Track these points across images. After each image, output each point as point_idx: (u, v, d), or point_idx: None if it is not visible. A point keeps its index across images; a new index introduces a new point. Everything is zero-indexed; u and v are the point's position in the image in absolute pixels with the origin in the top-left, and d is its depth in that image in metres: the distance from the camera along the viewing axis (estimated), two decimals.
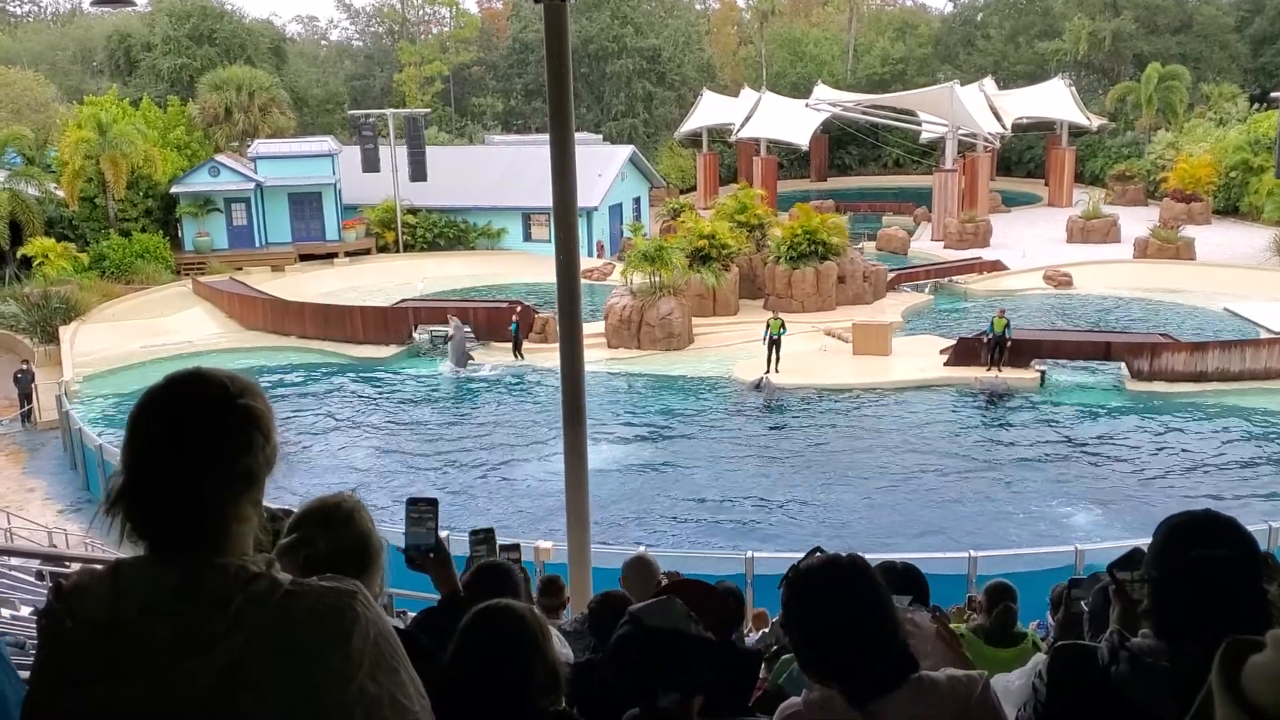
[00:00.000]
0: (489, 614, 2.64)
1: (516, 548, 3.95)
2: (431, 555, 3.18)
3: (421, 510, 3.17)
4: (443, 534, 3.78)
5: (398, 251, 47.80)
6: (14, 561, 12.16)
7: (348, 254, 46.72)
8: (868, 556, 2.60)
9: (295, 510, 2.72)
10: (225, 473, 1.77)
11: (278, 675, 1.67)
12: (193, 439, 1.75)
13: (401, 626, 2.68)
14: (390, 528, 3.44)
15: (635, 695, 2.62)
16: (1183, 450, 22.74)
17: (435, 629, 2.99)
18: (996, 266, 41.13)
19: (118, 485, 1.76)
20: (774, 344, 27.96)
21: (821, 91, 62.18)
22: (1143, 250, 42.10)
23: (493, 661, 2.55)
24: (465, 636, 2.61)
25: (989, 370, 27.16)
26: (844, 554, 2.53)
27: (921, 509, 20.04)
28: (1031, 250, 44.32)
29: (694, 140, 65.09)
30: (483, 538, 3.70)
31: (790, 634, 2.46)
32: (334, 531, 2.59)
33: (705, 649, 2.65)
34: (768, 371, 27.84)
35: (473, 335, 31.93)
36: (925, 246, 47.39)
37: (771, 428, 25.37)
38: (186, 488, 1.74)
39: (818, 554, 2.54)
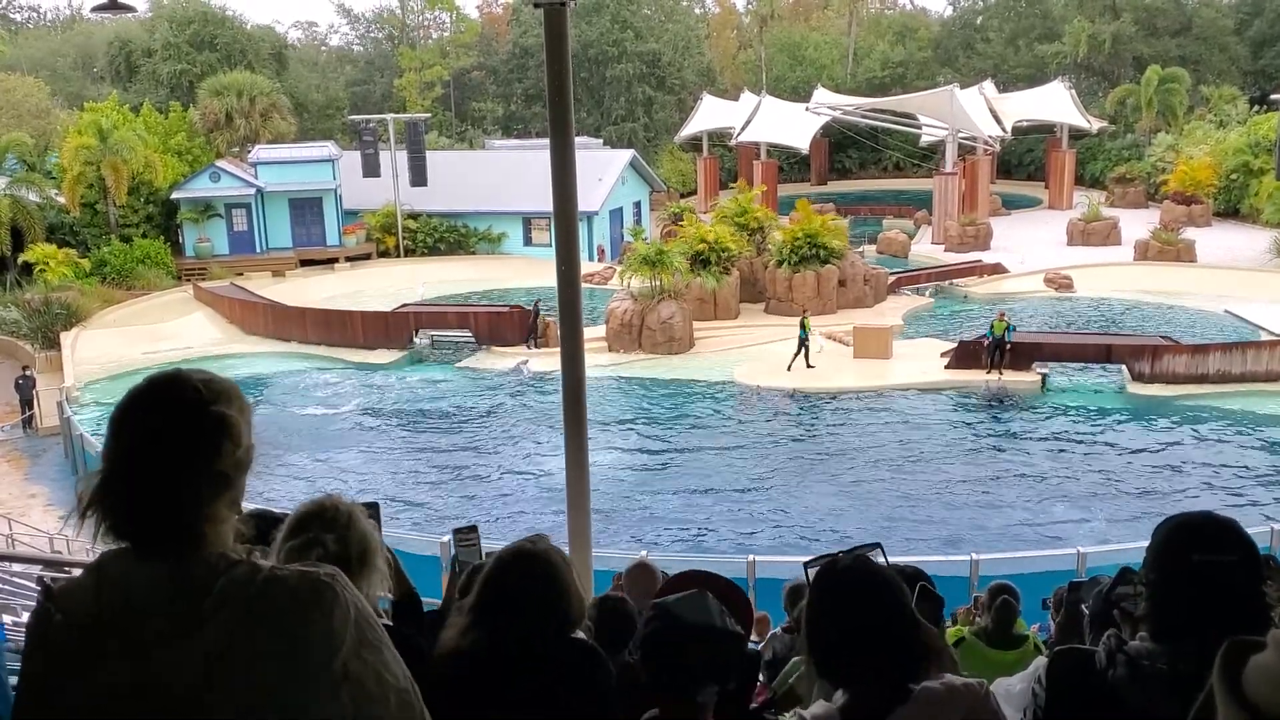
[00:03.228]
0: (520, 552, 2.80)
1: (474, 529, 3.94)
2: None
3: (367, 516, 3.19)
4: (444, 539, 3.78)
5: (398, 256, 47.84)
6: (15, 567, 12.14)
7: (348, 259, 46.77)
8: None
9: (291, 514, 2.74)
10: (199, 476, 1.81)
11: (263, 655, 1.70)
12: (167, 443, 1.80)
13: (389, 624, 2.71)
14: (392, 530, 3.44)
15: (673, 691, 2.64)
16: (1184, 453, 22.71)
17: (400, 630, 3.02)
18: (997, 269, 41.13)
19: (94, 485, 1.81)
20: (802, 343, 28.43)
21: (821, 95, 62.22)
22: (1143, 252, 42.09)
23: (524, 593, 2.70)
24: (498, 570, 2.76)
25: (990, 373, 27.15)
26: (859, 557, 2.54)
27: (923, 512, 20.02)
28: (1032, 253, 44.30)
29: (694, 144, 65.12)
30: (468, 537, 3.70)
31: (814, 633, 2.43)
32: (339, 533, 2.63)
33: (739, 643, 2.68)
34: (805, 363, 28.48)
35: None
36: (926, 249, 47.39)
37: (773, 431, 25.34)
38: (162, 488, 1.78)
39: (842, 555, 2.55)
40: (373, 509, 3.20)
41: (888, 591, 2.38)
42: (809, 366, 28.45)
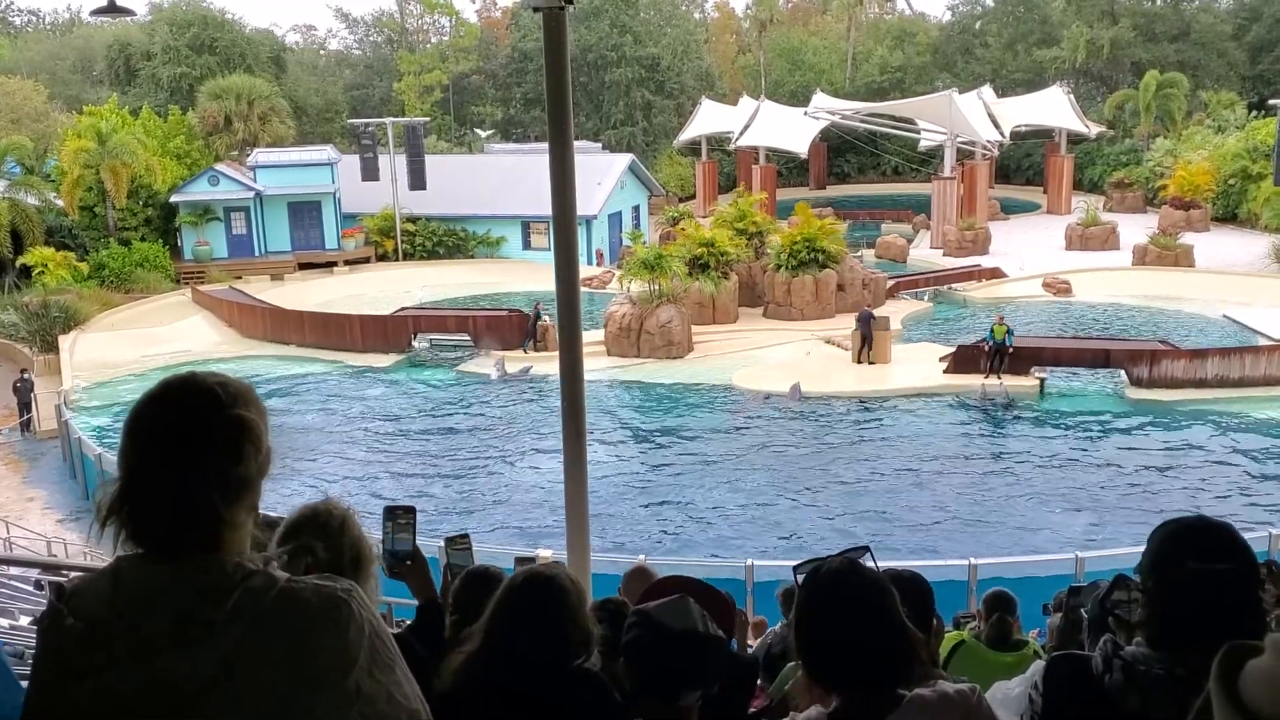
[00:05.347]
0: (532, 576, 2.83)
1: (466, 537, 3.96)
2: (410, 563, 3.22)
3: (401, 518, 3.20)
4: (440, 543, 3.79)
5: (397, 260, 47.85)
6: (13, 571, 12.13)
7: (347, 262, 46.78)
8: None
9: (286, 519, 2.74)
10: (218, 482, 1.79)
11: (273, 668, 1.69)
12: (184, 450, 1.78)
13: (398, 633, 2.71)
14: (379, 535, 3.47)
15: (656, 696, 2.66)
16: (1182, 457, 22.71)
17: (420, 638, 3.03)
18: (995, 274, 41.16)
19: (113, 493, 1.79)
20: (864, 339, 29.32)
21: (820, 99, 62.29)
22: (1141, 257, 42.12)
23: (533, 620, 2.74)
24: (509, 596, 2.80)
25: (989, 377, 27.15)
26: (856, 561, 2.53)
27: (921, 516, 20.01)
28: (1030, 257, 44.35)
29: (693, 148, 65.17)
30: (460, 543, 3.71)
31: (802, 636, 2.43)
32: (331, 539, 2.62)
33: (720, 647, 2.70)
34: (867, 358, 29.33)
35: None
36: (924, 254, 47.40)
37: (771, 436, 25.32)
38: (180, 495, 1.76)
39: (830, 558, 2.54)
40: (409, 512, 3.22)
41: (875, 595, 2.36)
42: (870, 363, 29.08)
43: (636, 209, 53.09)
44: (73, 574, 10.39)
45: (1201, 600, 2.17)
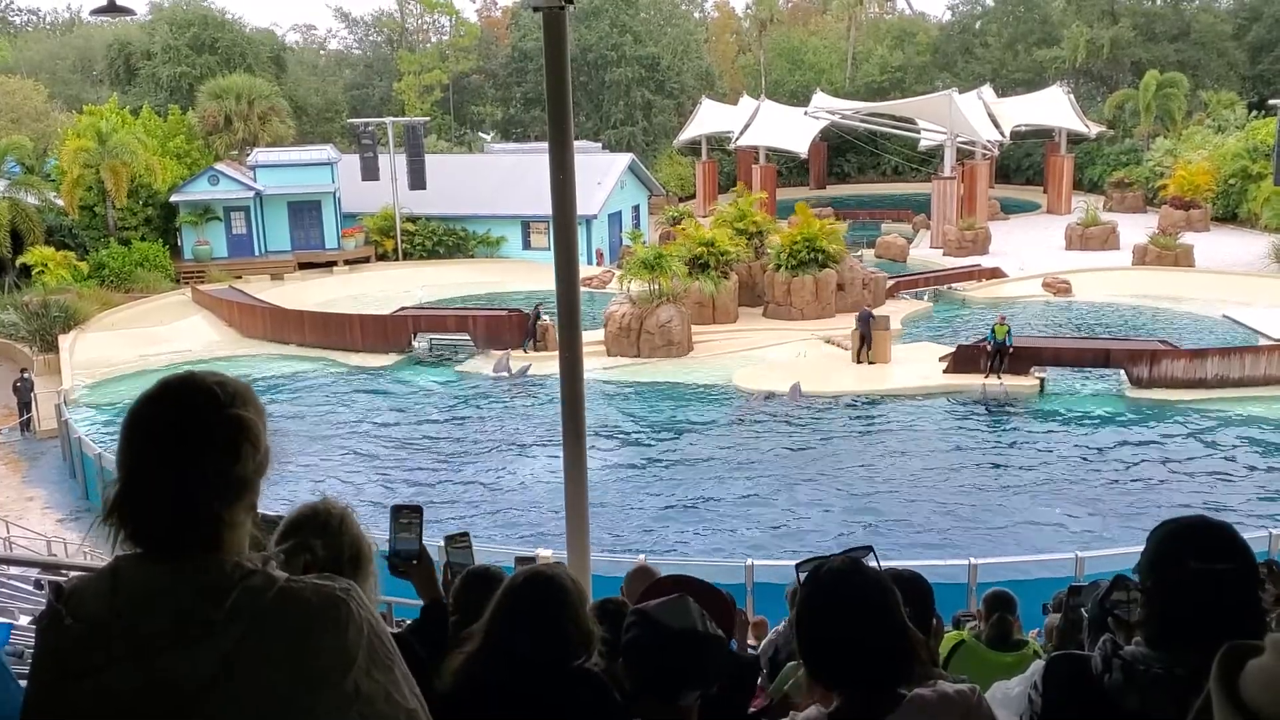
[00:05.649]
0: (532, 576, 2.84)
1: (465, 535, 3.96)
2: (415, 562, 3.22)
3: (406, 518, 3.21)
4: (440, 543, 3.79)
5: (397, 259, 47.85)
6: (13, 570, 12.12)
7: (347, 262, 46.79)
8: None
9: (285, 517, 2.74)
10: (217, 481, 1.79)
11: (273, 668, 1.69)
12: (183, 449, 1.78)
13: (398, 632, 2.71)
14: (382, 534, 3.48)
15: (656, 696, 2.66)
16: (1182, 457, 22.72)
17: (423, 637, 3.04)
18: (995, 274, 41.16)
19: (113, 495, 1.79)
20: (863, 338, 29.40)
21: (820, 99, 62.31)
22: (1141, 257, 42.11)
23: (533, 620, 2.75)
24: (510, 596, 2.81)
25: (988, 377, 27.16)
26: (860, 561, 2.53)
27: (921, 516, 20.02)
28: (1030, 257, 44.36)
29: (693, 148, 65.17)
30: (460, 542, 3.71)
31: (804, 634, 2.42)
32: (329, 537, 2.62)
33: (720, 646, 2.70)
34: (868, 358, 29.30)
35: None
36: (924, 254, 47.39)
37: (771, 435, 25.32)
38: (179, 496, 1.76)
39: (833, 556, 2.54)
40: (415, 512, 3.23)
41: (877, 594, 2.36)
42: (870, 362, 29.11)
43: (636, 209, 53.11)
44: (72, 574, 10.37)
45: (1201, 600, 2.17)
